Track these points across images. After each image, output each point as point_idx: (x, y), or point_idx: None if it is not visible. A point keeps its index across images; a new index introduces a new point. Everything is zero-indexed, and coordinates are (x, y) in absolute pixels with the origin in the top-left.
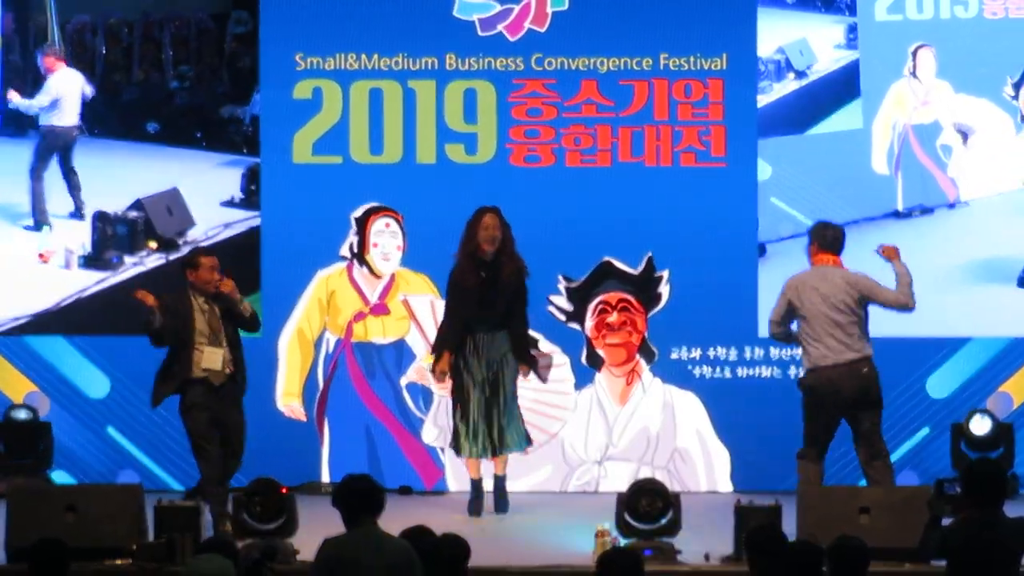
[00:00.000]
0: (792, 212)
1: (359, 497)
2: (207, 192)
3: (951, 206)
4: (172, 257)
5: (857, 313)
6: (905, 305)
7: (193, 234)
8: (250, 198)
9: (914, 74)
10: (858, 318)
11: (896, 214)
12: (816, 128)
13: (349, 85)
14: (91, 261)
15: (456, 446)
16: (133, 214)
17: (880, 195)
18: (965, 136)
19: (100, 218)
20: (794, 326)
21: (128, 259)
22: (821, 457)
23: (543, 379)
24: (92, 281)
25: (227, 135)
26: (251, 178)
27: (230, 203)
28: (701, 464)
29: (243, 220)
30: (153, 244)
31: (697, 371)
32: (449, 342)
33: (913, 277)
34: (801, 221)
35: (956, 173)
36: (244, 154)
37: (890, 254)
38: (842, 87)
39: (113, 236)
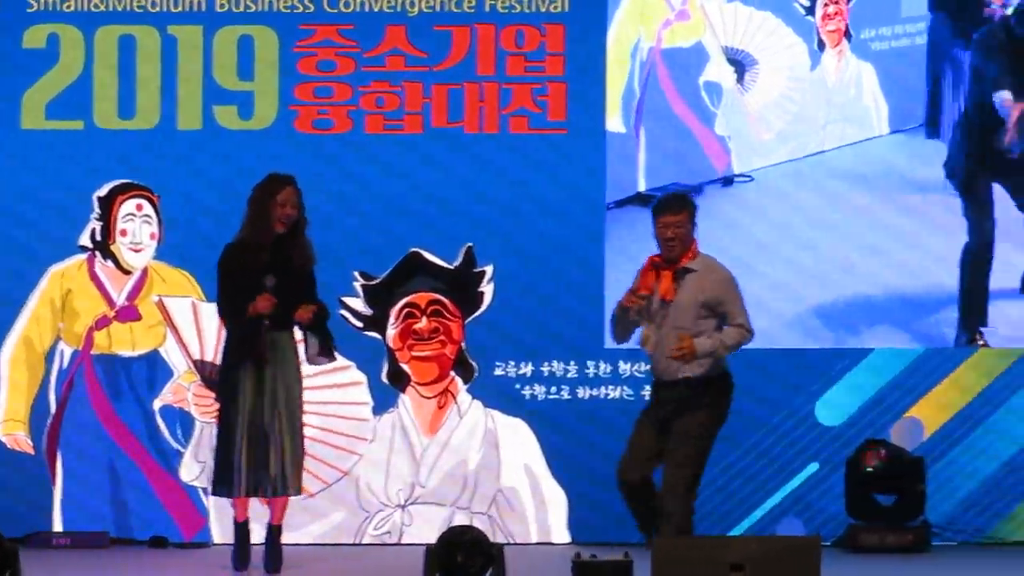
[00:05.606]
0: None
1: None
2: None
3: (726, 182)
4: None
5: None
6: None
7: None
8: None
9: None
10: None
11: (640, 198)
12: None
13: (93, 31)
14: None
15: (222, 480)
16: None
17: (614, 170)
18: (742, 70)
19: None
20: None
21: None
22: None
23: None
24: None
25: None
26: None
27: None
28: (531, 509)
29: None
30: None
31: (527, 391)
32: (252, 341)
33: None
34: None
35: (729, 129)
36: None
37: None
38: None
39: None
